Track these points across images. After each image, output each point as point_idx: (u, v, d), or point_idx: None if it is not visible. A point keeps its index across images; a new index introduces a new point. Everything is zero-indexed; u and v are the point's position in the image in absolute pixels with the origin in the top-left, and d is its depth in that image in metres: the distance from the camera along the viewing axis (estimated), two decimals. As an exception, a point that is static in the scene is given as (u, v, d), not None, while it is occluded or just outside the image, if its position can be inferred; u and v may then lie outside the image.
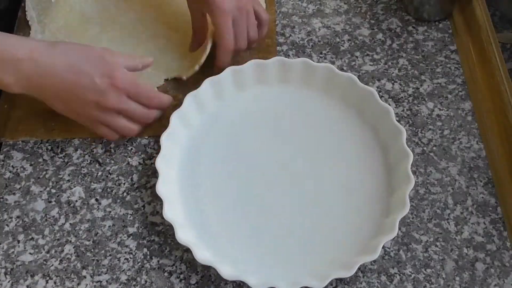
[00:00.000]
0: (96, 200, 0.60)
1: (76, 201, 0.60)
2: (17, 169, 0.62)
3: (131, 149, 0.64)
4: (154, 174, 0.61)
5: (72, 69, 0.55)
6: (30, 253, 0.57)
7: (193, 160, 0.61)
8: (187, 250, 0.56)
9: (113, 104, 0.57)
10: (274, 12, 0.75)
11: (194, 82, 0.64)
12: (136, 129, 0.60)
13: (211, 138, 0.63)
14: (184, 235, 0.54)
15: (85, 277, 0.56)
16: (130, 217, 0.59)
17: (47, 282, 0.55)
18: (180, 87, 0.67)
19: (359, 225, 0.57)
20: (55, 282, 0.55)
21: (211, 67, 0.65)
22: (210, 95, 0.64)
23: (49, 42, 0.56)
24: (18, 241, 0.58)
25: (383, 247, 0.54)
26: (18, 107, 0.66)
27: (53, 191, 0.61)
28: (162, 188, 0.56)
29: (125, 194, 0.61)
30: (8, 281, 0.55)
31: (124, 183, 0.61)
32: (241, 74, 0.64)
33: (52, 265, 0.56)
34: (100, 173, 0.62)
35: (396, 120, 0.60)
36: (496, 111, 0.64)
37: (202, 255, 0.53)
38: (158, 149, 0.60)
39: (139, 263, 0.56)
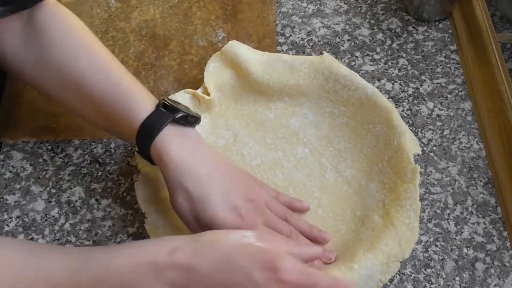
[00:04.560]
0: (96, 200, 0.60)
1: (76, 201, 0.60)
2: (17, 169, 0.62)
3: (131, 149, 0.64)
4: (154, 174, 0.61)
5: (223, 266, 0.42)
6: (30, 253, 0.57)
7: None
8: (187, 250, 0.56)
9: None
10: (274, 12, 0.75)
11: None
12: None
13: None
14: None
15: (85, 277, 0.55)
16: (130, 217, 0.59)
17: (47, 282, 0.55)
18: None
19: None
20: (55, 282, 0.55)
21: None
22: None
23: (191, 239, 0.44)
24: (18, 241, 0.58)
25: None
26: (18, 107, 0.66)
27: (53, 191, 0.61)
28: None
29: (125, 194, 0.61)
30: (8, 281, 0.55)
31: (124, 183, 0.61)
32: None
33: (52, 265, 0.56)
34: (100, 173, 0.62)
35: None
36: (496, 111, 0.64)
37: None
38: (158, 149, 0.60)
39: (139, 263, 0.56)
